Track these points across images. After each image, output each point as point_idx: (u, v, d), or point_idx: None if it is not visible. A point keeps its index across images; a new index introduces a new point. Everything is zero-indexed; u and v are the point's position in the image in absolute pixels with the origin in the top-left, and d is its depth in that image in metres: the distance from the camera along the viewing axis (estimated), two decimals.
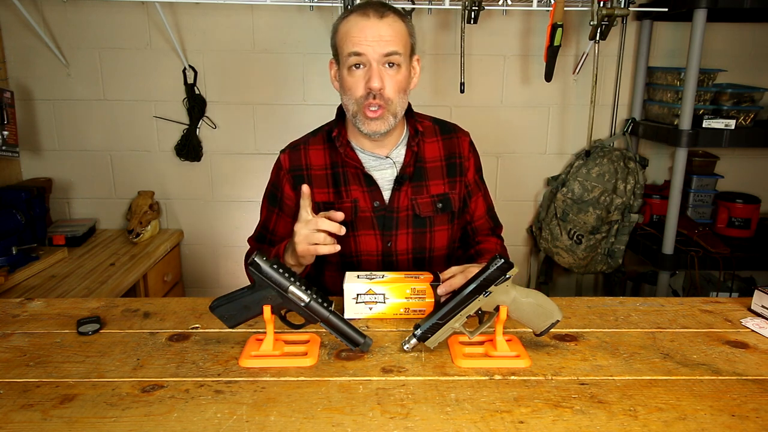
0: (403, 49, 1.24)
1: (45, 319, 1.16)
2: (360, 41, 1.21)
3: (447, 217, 1.38)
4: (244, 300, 1.01)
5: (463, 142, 1.41)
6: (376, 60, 1.21)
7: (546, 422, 0.83)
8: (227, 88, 2.37)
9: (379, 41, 1.21)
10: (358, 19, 1.23)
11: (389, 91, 1.24)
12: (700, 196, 2.42)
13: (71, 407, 0.86)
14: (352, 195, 1.34)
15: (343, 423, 0.82)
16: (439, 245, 1.39)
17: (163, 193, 2.47)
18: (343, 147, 1.33)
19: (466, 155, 1.41)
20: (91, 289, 1.84)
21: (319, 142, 1.38)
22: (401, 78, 1.25)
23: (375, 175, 1.34)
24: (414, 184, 1.35)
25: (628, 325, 1.15)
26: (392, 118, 1.27)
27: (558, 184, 2.45)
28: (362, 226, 1.34)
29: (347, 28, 1.24)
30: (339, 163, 1.35)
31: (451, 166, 1.39)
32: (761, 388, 0.93)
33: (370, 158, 1.35)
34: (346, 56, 1.23)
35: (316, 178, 1.36)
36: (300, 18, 2.30)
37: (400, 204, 1.34)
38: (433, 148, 1.38)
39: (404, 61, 1.25)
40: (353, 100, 1.26)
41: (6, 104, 2.06)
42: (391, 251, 1.36)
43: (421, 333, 1.01)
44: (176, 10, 2.27)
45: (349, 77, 1.25)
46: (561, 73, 2.36)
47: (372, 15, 1.22)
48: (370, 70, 1.22)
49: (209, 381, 0.93)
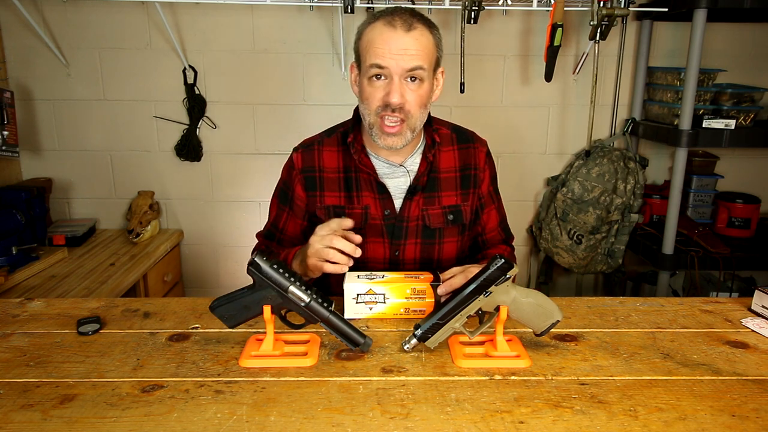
0: (428, 63, 1.20)
1: (45, 319, 1.16)
2: (384, 53, 1.16)
3: (457, 229, 1.36)
4: (244, 300, 1.01)
5: (479, 152, 1.37)
6: (398, 74, 1.17)
7: (546, 422, 0.83)
8: (227, 88, 2.37)
9: (403, 55, 1.16)
10: (383, 29, 1.17)
11: (409, 106, 1.20)
12: (700, 196, 2.42)
13: (71, 407, 0.86)
14: (364, 201, 1.32)
15: (343, 423, 0.82)
16: (447, 256, 1.37)
17: (163, 193, 2.47)
18: (357, 153, 1.30)
19: (482, 167, 1.37)
20: (91, 289, 1.84)
21: (334, 144, 1.35)
22: (423, 92, 1.21)
23: (388, 183, 1.32)
24: (426, 195, 1.33)
25: (628, 325, 1.15)
26: (410, 132, 1.23)
27: (558, 184, 2.45)
28: (371, 234, 1.32)
29: (372, 36, 1.19)
30: (352, 168, 1.32)
31: (465, 178, 1.36)
32: (761, 388, 0.93)
33: (384, 165, 1.33)
34: (368, 66, 1.19)
35: (328, 181, 1.33)
36: (300, 18, 2.30)
37: (411, 214, 1.32)
38: (448, 158, 1.35)
39: (428, 76, 1.21)
40: (371, 110, 1.22)
41: (6, 104, 2.06)
42: (398, 260, 1.35)
43: (421, 333, 1.01)
44: (176, 10, 2.27)
45: (369, 87, 1.21)
46: (561, 73, 2.36)
47: (399, 26, 1.17)
48: (391, 84, 1.18)
49: (209, 381, 0.93)
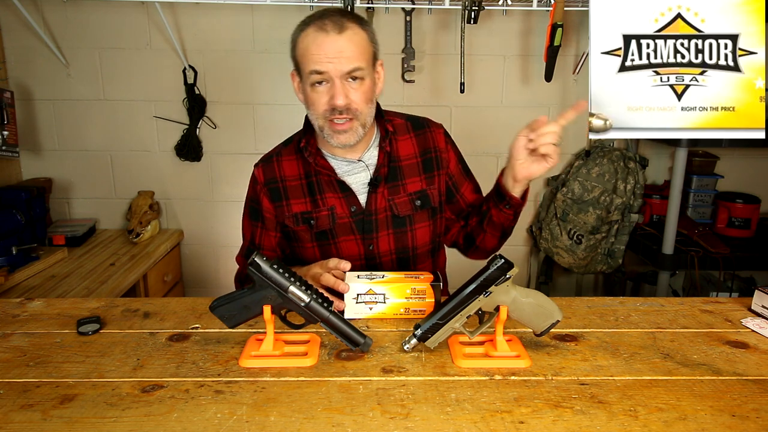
0: (366, 62, 1.20)
1: (45, 319, 1.16)
2: (320, 59, 1.17)
3: (427, 213, 1.36)
4: (244, 300, 1.01)
5: (437, 135, 1.38)
6: (338, 77, 1.18)
7: (546, 422, 0.83)
8: (227, 88, 2.37)
9: (339, 58, 1.16)
10: (317, 35, 1.18)
11: (356, 105, 1.21)
12: (700, 196, 2.42)
13: (71, 407, 0.86)
14: (329, 203, 1.32)
15: (344, 423, 0.82)
16: (422, 242, 1.37)
17: (163, 193, 2.47)
18: (312, 156, 1.31)
19: (443, 147, 1.37)
20: (91, 289, 1.84)
21: (291, 153, 1.36)
22: (366, 89, 1.22)
23: (348, 180, 1.32)
24: (390, 185, 1.33)
25: (628, 325, 1.15)
26: (361, 128, 1.24)
27: (558, 184, 2.45)
28: (342, 232, 1.33)
29: (306, 43, 1.19)
30: (312, 172, 1.33)
31: (427, 161, 1.36)
32: (761, 388, 0.93)
33: (343, 163, 1.33)
34: (307, 73, 1.20)
35: (292, 189, 1.34)
36: (300, 18, 2.28)
37: (378, 206, 1.33)
38: (406, 146, 1.36)
39: (368, 73, 1.22)
40: (318, 114, 1.23)
41: (6, 104, 2.06)
42: (373, 254, 1.35)
43: (421, 333, 1.01)
44: (176, 10, 2.27)
45: (313, 93, 1.21)
46: (561, 73, 2.36)
47: (330, 29, 1.17)
48: (334, 87, 1.19)
49: (209, 381, 0.93)
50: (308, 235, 1.34)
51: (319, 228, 1.33)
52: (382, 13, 2.28)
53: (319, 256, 1.35)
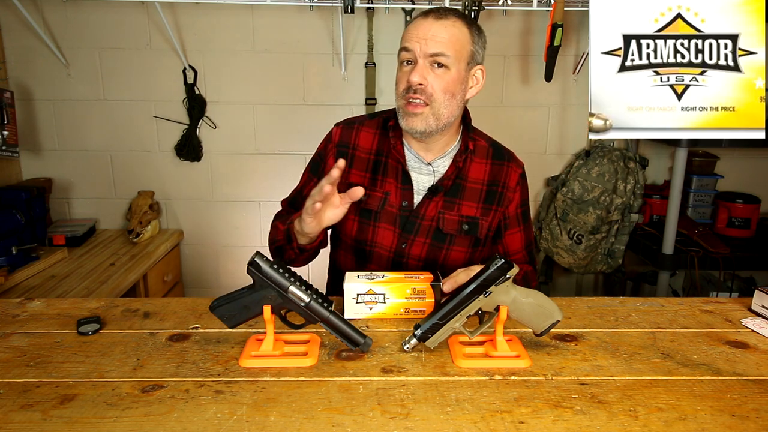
0: (455, 52, 1.21)
1: (45, 319, 1.16)
2: (411, 38, 1.22)
3: (469, 240, 1.36)
4: (244, 300, 1.01)
5: (512, 172, 1.37)
6: (422, 57, 1.21)
7: (546, 422, 0.83)
8: (227, 88, 2.37)
9: (428, 40, 1.20)
10: (418, 19, 1.24)
11: (431, 89, 1.22)
12: (700, 196, 2.43)
13: (71, 407, 0.86)
14: (386, 187, 1.33)
15: (344, 423, 0.82)
16: (452, 264, 1.36)
17: (163, 193, 2.47)
18: (395, 138, 1.33)
19: (512, 187, 1.37)
20: (91, 289, 1.84)
21: (373, 126, 1.38)
22: (449, 79, 1.22)
23: (413, 175, 1.33)
24: (447, 199, 1.33)
25: (628, 325, 1.15)
26: (433, 119, 1.23)
27: (558, 184, 2.45)
28: (385, 219, 1.34)
29: (408, 27, 1.25)
30: (384, 152, 1.35)
31: (491, 193, 1.35)
32: (761, 388, 0.93)
33: (414, 158, 1.34)
34: (399, 52, 1.25)
35: (359, 159, 1.36)
36: (300, 18, 2.30)
37: (427, 212, 1.33)
38: (478, 169, 1.35)
39: (454, 64, 1.22)
40: (398, 93, 1.26)
41: (6, 104, 2.06)
42: (404, 252, 1.35)
43: (421, 333, 1.01)
44: (176, 10, 2.27)
45: (399, 72, 1.26)
46: (561, 73, 2.36)
47: (432, 16, 1.22)
48: (416, 67, 1.22)
49: (209, 381, 0.93)
50: (354, 207, 1.33)
51: (367, 205, 1.33)
52: (382, 13, 2.28)
53: (356, 232, 1.35)
